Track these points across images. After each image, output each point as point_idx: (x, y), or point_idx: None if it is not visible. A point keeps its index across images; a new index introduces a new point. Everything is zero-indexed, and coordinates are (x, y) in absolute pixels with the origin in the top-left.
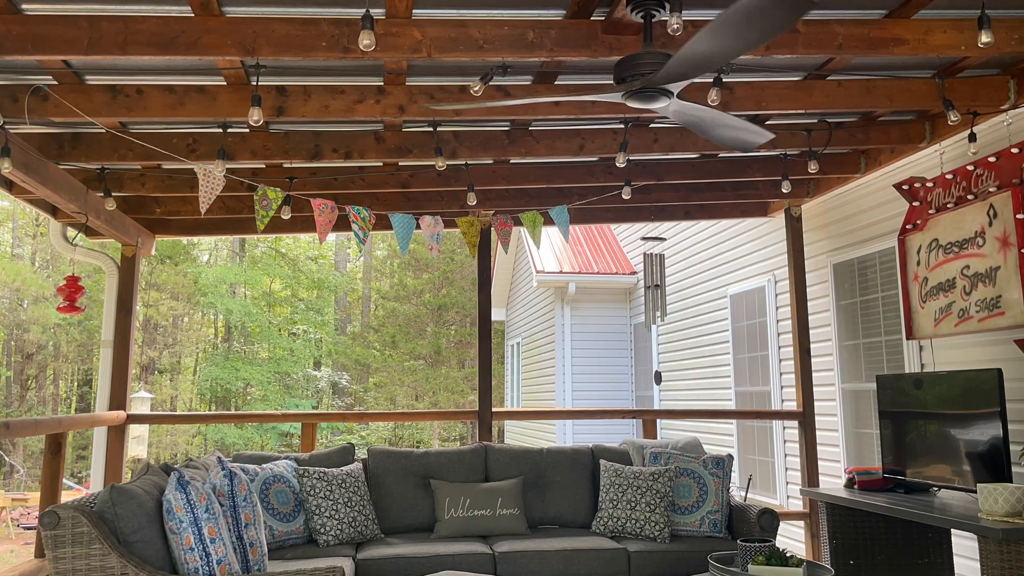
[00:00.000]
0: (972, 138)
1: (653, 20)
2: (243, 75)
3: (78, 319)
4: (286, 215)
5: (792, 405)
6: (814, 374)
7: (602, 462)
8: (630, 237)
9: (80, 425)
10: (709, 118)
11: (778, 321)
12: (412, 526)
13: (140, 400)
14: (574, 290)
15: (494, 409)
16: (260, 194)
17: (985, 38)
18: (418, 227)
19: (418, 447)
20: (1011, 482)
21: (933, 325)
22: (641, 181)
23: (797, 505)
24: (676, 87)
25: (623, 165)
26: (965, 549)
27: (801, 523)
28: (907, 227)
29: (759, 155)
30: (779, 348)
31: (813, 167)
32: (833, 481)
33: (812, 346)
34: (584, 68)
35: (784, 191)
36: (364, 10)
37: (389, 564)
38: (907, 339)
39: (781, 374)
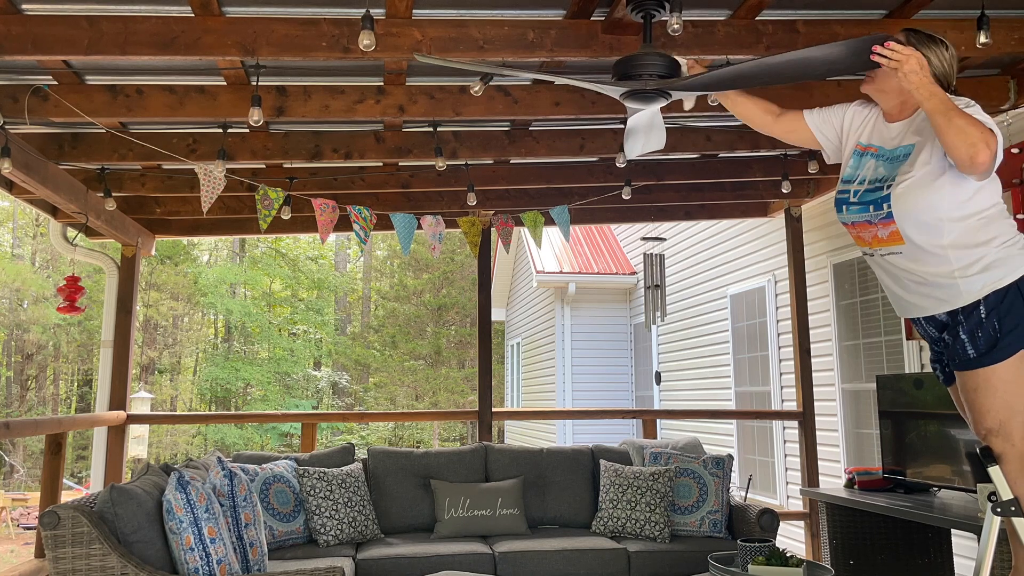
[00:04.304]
0: None
1: (653, 20)
2: (243, 75)
3: (78, 319)
4: (286, 215)
5: (792, 405)
6: (814, 374)
7: (602, 462)
8: (630, 237)
9: (80, 425)
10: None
11: (778, 321)
12: (412, 526)
13: (140, 400)
14: (574, 290)
15: (494, 409)
16: (261, 194)
17: (983, 39)
18: (419, 227)
19: (418, 447)
20: None
21: None
22: (641, 181)
23: (797, 505)
24: (680, 94)
25: (623, 165)
26: (965, 549)
27: (801, 523)
28: None
29: (759, 155)
30: (779, 348)
31: (813, 167)
32: (833, 481)
33: (812, 346)
34: (584, 68)
35: (784, 191)
36: (364, 10)
37: (389, 564)
38: (907, 339)
39: (781, 374)
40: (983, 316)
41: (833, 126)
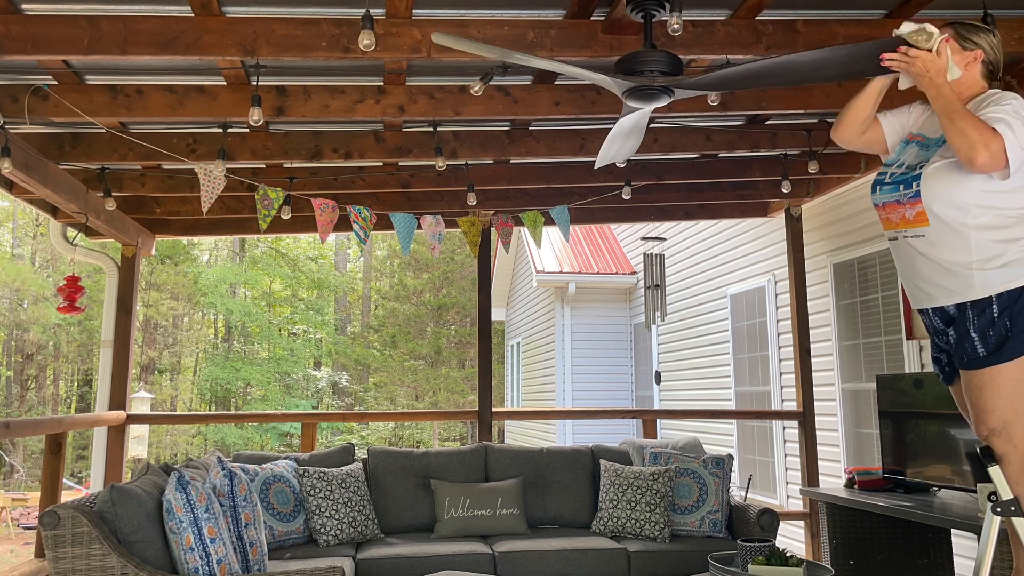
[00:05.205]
0: None
1: (653, 20)
2: (243, 75)
3: (78, 319)
4: (286, 215)
5: (792, 405)
6: (814, 374)
7: (602, 462)
8: (630, 237)
9: (80, 425)
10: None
11: (778, 321)
12: (412, 526)
13: (140, 400)
14: (574, 290)
15: (494, 409)
16: (261, 194)
17: None
18: (419, 227)
19: (418, 447)
20: None
21: None
22: (641, 181)
23: (797, 505)
24: (683, 93)
25: (623, 165)
26: (965, 549)
27: (801, 523)
28: None
29: (759, 155)
30: (779, 348)
31: (813, 167)
32: (833, 481)
33: (812, 346)
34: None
35: (784, 191)
36: (364, 10)
37: (389, 564)
38: (907, 339)
39: (781, 374)
40: (996, 314)
41: (903, 125)
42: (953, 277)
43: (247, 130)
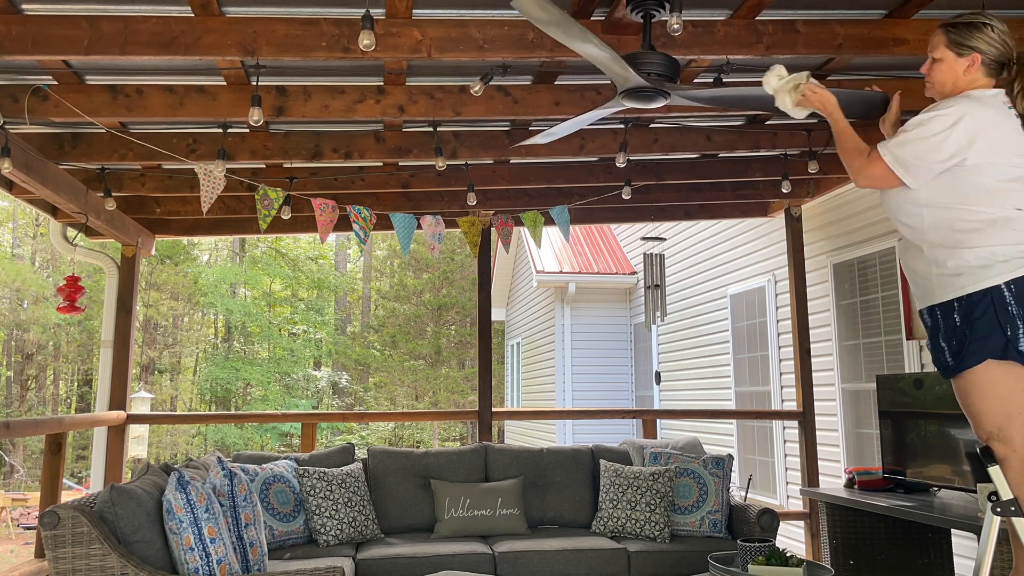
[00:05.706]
0: None
1: (653, 20)
2: (243, 75)
3: (78, 319)
4: (286, 215)
5: (792, 405)
6: (814, 374)
7: (602, 462)
8: (630, 237)
9: (80, 425)
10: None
11: (778, 321)
12: (412, 526)
13: (140, 400)
14: (574, 290)
15: (494, 409)
16: (261, 194)
17: None
18: (419, 227)
19: (418, 447)
20: None
21: None
22: (641, 181)
23: (797, 505)
24: (677, 91)
25: (623, 165)
26: (965, 549)
27: (801, 523)
28: None
29: (759, 155)
30: (779, 348)
31: (813, 167)
32: (833, 481)
33: (812, 346)
34: (584, 68)
35: (784, 191)
36: (364, 10)
37: (389, 564)
38: (907, 339)
39: (781, 374)
40: (958, 322)
41: None
42: (920, 281)
43: (247, 130)
